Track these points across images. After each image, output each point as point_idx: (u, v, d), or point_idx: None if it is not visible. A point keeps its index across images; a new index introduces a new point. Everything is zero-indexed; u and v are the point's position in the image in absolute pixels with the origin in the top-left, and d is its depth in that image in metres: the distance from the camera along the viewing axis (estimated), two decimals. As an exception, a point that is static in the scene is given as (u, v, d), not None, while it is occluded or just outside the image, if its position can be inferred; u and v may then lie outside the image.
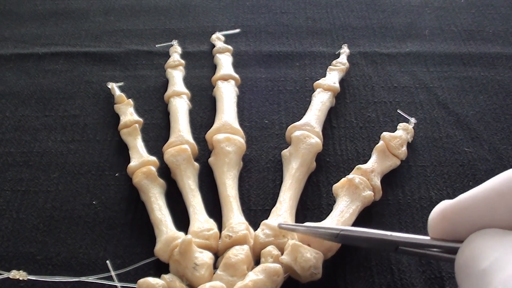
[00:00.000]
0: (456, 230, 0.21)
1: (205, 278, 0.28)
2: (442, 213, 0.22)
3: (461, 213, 0.21)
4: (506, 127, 0.40)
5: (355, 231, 0.27)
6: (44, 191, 0.36)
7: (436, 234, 0.22)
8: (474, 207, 0.20)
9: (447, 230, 0.22)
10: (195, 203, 0.33)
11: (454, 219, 0.21)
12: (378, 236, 0.26)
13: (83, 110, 0.42)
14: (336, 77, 0.42)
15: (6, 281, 0.30)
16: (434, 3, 0.52)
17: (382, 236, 0.26)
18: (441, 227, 0.22)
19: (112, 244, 0.33)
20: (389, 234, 0.25)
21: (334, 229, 0.27)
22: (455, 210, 0.21)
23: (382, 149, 0.35)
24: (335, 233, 0.27)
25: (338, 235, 0.27)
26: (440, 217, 0.22)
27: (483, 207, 0.20)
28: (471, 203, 0.21)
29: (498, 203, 0.20)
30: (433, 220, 0.22)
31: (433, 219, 0.22)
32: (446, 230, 0.22)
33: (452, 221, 0.21)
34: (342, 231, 0.27)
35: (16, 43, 0.49)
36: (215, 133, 0.37)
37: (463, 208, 0.21)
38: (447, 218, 0.21)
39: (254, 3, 0.53)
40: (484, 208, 0.20)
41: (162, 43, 0.48)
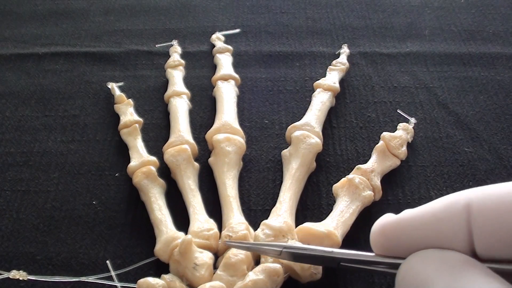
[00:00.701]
0: (396, 248, 0.21)
1: (205, 278, 0.28)
2: (381, 229, 0.21)
3: (400, 233, 0.20)
4: (506, 127, 0.40)
5: (297, 248, 0.27)
6: (44, 191, 0.36)
7: (377, 249, 0.22)
8: (413, 228, 0.20)
9: (388, 247, 0.21)
10: (195, 203, 0.33)
11: (393, 237, 0.21)
12: (319, 253, 0.26)
13: (83, 110, 0.42)
14: (336, 77, 0.42)
15: (6, 281, 0.30)
16: (434, 3, 0.52)
17: (323, 253, 0.25)
18: (382, 243, 0.21)
19: (112, 244, 0.33)
20: (330, 251, 0.25)
21: (277, 246, 0.27)
22: (395, 229, 0.21)
23: (382, 149, 0.35)
24: (278, 250, 0.26)
25: (281, 252, 0.26)
26: (380, 233, 0.21)
27: (421, 230, 0.20)
28: (410, 224, 0.20)
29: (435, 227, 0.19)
30: (374, 235, 0.22)
31: (373, 234, 0.22)
32: (386, 246, 0.21)
33: (391, 239, 0.21)
34: (284, 248, 0.26)
35: (16, 43, 0.49)
36: (215, 133, 0.37)
37: (402, 228, 0.20)
38: (387, 236, 0.21)
39: (254, 3, 0.53)
40: (422, 231, 0.20)
41: (162, 43, 0.48)
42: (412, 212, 0.20)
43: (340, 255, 0.25)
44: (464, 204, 0.19)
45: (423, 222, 0.20)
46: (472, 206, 0.18)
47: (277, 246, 0.27)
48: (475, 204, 0.18)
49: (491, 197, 0.18)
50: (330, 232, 0.29)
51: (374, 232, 0.21)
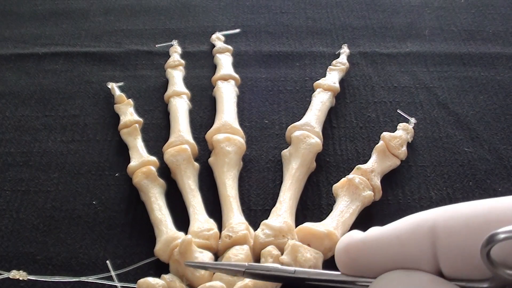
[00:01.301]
0: (362, 269, 0.20)
1: (205, 278, 0.28)
2: (345, 249, 0.21)
3: (365, 253, 0.20)
4: (506, 127, 0.40)
5: (259, 268, 0.25)
6: (44, 191, 0.36)
7: (342, 268, 0.21)
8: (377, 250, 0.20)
9: (352, 267, 0.21)
10: (195, 203, 0.33)
11: (358, 257, 0.20)
12: (283, 273, 0.25)
13: (83, 110, 0.42)
14: (336, 77, 0.42)
15: (6, 281, 0.30)
16: (434, 3, 0.52)
17: (287, 274, 0.24)
18: (345, 263, 0.21)
19: (112, 244, 0.33)
20: (292, 271, 0.24)
21: (240, 266, 0.26)
22: (358, 249, 0.20)
23: (382, 149, 0.35)
24: (241, 270, 0.25)
25: (244, 272, 0.25)
26: (344, 253, 0.21)
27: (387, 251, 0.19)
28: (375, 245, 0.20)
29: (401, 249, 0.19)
30: (338, 254, 0.21)
31: (338, 254, 0.21)
32: (350, 266, 0.21)
33: (356, 260, 0.20)
34: (247, 269, 0.25)
35: (16, 43, 0.49)
36: (215, 133, 0.37)
37: (366, 249, 0.20)
38: (351, 256, 0.21)
39: (254, 3, 0.53)
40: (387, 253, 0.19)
41: (162, 43, 0.48)
42: (377, 232, 0.20)
43: (304, 274, 0.24)
44: (430, 226, 0.19)
45: (388, 244, 0.19)
46: (437, 228, 0.18)
47: (240, 266, 0.26)
48: (440, 226, 0.18)
49: (455, 218, 0.18)
50: (330, 232, 0.29)
51: (338, 251, 0.21)
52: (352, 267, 0.21)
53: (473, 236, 0.17)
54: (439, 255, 0.18)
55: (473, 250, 0.17)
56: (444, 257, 0.18)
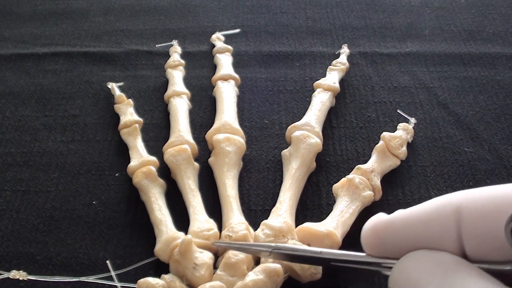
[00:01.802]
0: (388, 248, 0.21)
1: (205, 278, 0.28)
2: (373, 230, 0.21)
3: (392, 233, 0.20)
4: (506, 127, 0.40)
5: (287, 249, 0.26)
6: (44, 191, 0.36)
7: (368, 250, 0.22)
8: (405, 229, 0.20)
9: (379, 247, 0.21)
10: (195, 203, 0.33)
11: (385, 237, 0.21)
12: (309, 254, 0.25)
13: (83, 110, 0.42)
14: (336, 77, 0.42)
15: (6, 281, 0.30)
16: (434, 3, 0.52)
17: (313, 254, 0.25)
18: (373, 244, 0.21)
19: (112, 244, 0.33)
20: (319, 251, 0.25)
21: (267, 247, 0.26)
22: (387, 230, 0.21)
23: (382, 149, 0.35)
24: (268, 251, 0.26)
25: (271, 252, 0.26)
26: (371, 233, 0.21)
27: (413, 231, 0.20)
28: (401, 225, 0.20)
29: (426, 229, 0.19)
30: (365, 235, 0.21)
31: (365, 235, 0.21)
32: (378, 247, 0.21)
33: (383, 239, 0.21)
34: (274, 249, 0.26)
35: (16, 43, 0.49)
36: (215, 133, 0.37)
37: (394, 229, 0.20)
38: (378, 236, 0.21)
39: (254, 3, 0.53)
40: (413, 232, 0.20)
41: (162, 43, 0.48)
42: (403, 213, 0.20)
43: (329, 255, 0.25)
44: (455, 207, 0.19)
45: (414, 223, 0.20)
46: (462, 209, 0.19)
47: (266, 247, 0.26)
48: (465, 207, 0.18)
49: (481, 200, 0.18)
50: (330, 232, 0.29)
51: (365, 232, 0.21)
52: (378, 247, 0.21)
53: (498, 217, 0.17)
54: (464, 236, 0.18)
55: (497, 231, 0.17)
56: (468, 237, 0.18)
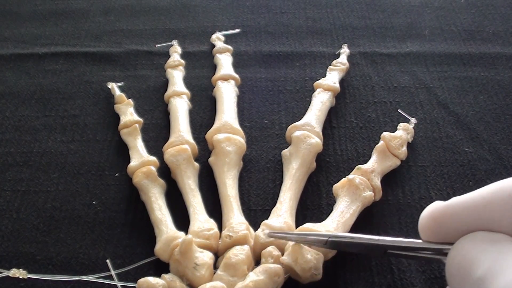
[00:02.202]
0: (445, 233, 0.21)
1: (205, 278, 0.28)
2: (432, 215, 0.22)
3: (450, 217, 0.21)
4: (506, 127, 0.40)
5: (343, 237, 0.27)
6: (44, 191, 0.36)
7: (426, 235, 0.22)
8: (463, 212, 0.20)
9: (437, 232, 0.22)
10: (195, 203, 0.33)
11: (443, 221, 0.21)
12: (367, 241, 0.26)
13: (83, 110, 0.42)
14: (336, 77, 0.42)
15: (6, 280, 0.30)
16: (434, 3, 0.52)
17: (371, 241, 0.25)
18: (431, 229, 0.22)
19: (112, 244, 0.33)
20: (376, 239, 0.25)
21: (323, 235, 0.27)
22: (446, 214, 0.21)
23: (382, 149, 0.35)
24: (324, 240, 0.27)
25: (327, 241, 0.27)
26: (429, 219, 0.22)
27: (472, 213, 0.20)
28: (461, 208, 0.21)
29: (485, 210, 0.20)
30: (423, 221, 0.22)
31: (423, 221, 0.22)
32: (435, 232, 0.22)
33: (441, 224, 0.21)
34: (331, 238, 0.27)
35: (16, 43, 0.49)
36: (215, 133, 0.37)
37: (453, 212, 0.21)
38: (437, 221, 0.21)
39: (254, 3, 0.53)
40: (472, 214, 0.20)
41: (162, 43, 0.48)
42: (461, 198, 0.21)
43: (386, 242, 0.25)
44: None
45: (472, 207, 0.20)
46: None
47: (323, 236, 0.27)
48: None
49: None
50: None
51: (423, 218, 0.22)
52: (435, 232, 0.22)
53: None
54: None
55: None
56: None
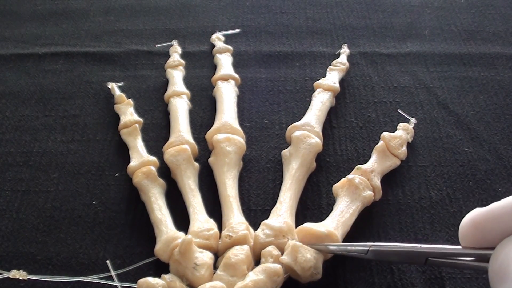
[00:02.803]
0: (486, 238, 0.22)
1: (205, 278, 0.28)
2: (472, 221, 0.22)
3: (491, 221, 0.21)
4: (506, 127, 0.40)
5: (385, 246, 0.27)
6: (44, 191, 0.36)
7: (467, 241, 0.23)
8: (505, 215, 0.21)
9: (478, 238, 0.22)
10: (195, 203, 0.33)
11: (485, 226, 0.22)
12: (408, 249, 0.26)
13: (83, 110, 0.42)
14: (336, 77, 0.42)
15: (6, 281, 0.30)
16: (434, 3, 0.52)
17: (412, 249, 0.26)
18: (472, 235, 0.22)
19: (112, 244, 0.33)
20: (418, 246, 0.26)
21: (364, 245, 0.27)
22: (486, 218, 0.21)
23: (382, 149, 0.35)
24: (365, 249, 0.27)
25: (368, 251, 0.27)
26: (471, 224, 0.22)
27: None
28: (502, 212, 0.21)
29: None
30: (464, 227, 0.22)
31: (464, 227, 0.22)
32: (477, 237, 0.22)
33: (483, 229, 0.22)
34: (372, 247, 0.27)
35: (16, 43, 0.49)
36: (215, 133, 0.37)
37: (493, 216, 0.21)
38: (478, 226, 0.22)
39: (254, 3, 0.53)
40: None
41: (162, 43, 0.48)
42: (502, 202, 0.21)
43: (428, 249, 0.25)
44: None
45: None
46: None
47: (364, 246, 0.27)
48: None
49: None
50: (331, 232, 0.29)
51: (464, 225, 0.22)
52: (476, 238, 0.22)
53: None
54: None
55: None
56: None
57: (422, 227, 0.33)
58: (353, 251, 0.28)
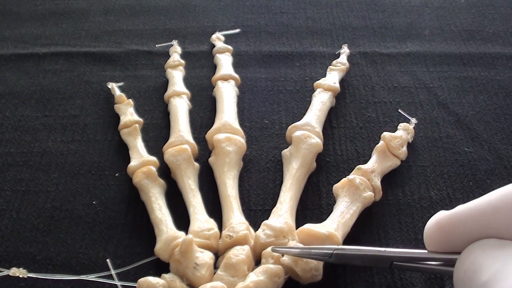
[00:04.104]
0: (452, 242, 0.21)
1: (205, 278, 0.28)
2: (437, 224, 0.21)
3: (457, 225, 0.21)
4: (506, 127, 0.40)
5: (348, 249, 0.26)
6: (44, 191, 0.36)
7: (432, 245, 0.22)
8: (470, 219, 0.20)
9: (443, 242, 0.21)
10: (195, 203, 0.33)
11: (450, 230, 0.21)
12: (372, 253, 0.25)
13: (83, 110, 0.42)
14: (336, 77, 0.42)
15: (6, 280, 0.30)
16: (434, 3, 0.52)
17: (376, 253, 0.25)
18: (437, 238, 0.21)
19: (112, 244, 0.33)
20: (383, 250, 0.25)
21: (328, 249, 0.27)
22: (451, 222, 0.21)
23: (382, 149, 0.35)
24: (329, 253, 0.26)
25: (332, 254, 0.26)
26: (435, 228, 0.21)
27: (479, 220, 0.20)
28: (468, 216, 0.20)
29: (493, 217, 0.19)
30: (429, 230, 0.22)
31: (428, 230, 0.22)
32: (442, 241, 0.21)
33: (448, 233, 0.21)
34: (336, 250, 0.26)
35: (16, 43, 0.49)
36: (215, 133, 0.37)
37: (459, 220, 0.21)
38: (442, 230, 0.21)
39: (254, 3, 0.53)
40: (479, 221, 0.20)
41: (162, 43, 0.48)
42: (467, 205, 0.21)
43: (392, 253, 0.25)
44: None
45: (480, 213, 0.20)
46: None
47: (327, 249, 0.26)
48: None
49: None
50: (331, 233, 0.29)
51: (429, 228, 0.22)
52: (442, 242, 0.21)
53: None
54: None
55: None
56: None
57: (422, 227, 0.33)
58: (317, 254, 0.27)
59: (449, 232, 0.21)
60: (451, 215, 0.21)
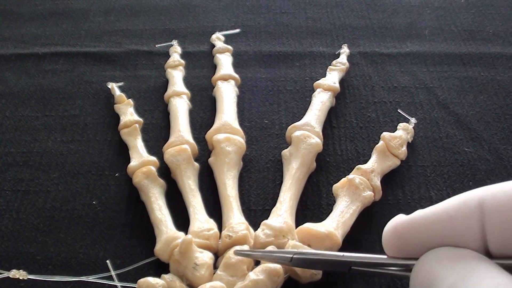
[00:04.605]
0: (409, 248, 0.21)
1: (205, 278, 0.28)
2: (394, 230, 0.21)
3: (413, 231, 0.20)
4: (506, 127, 0.40)
5: (308, 254, 0.26)
6: (44, 191, 0.36)
7: (390, 250, 0.22)
8: (426, 226, 0.20)
9: (401, 247, 0.21)
10: (195, 203, 0.33)
11: (406, 236, 0.21)
12: (331, 257, 0.25)
13: (83, 110, 0.42)
14: (336, 77, 0.42)
15: (6, 281, 0.30)
16: (434, 3, 0.52)
17: (335, 257, 0.25)
18: (394, 244, 0.21)
19: (112, 244, 0.33)
20: (341, 255, 0.25)
21: (288, 253, 0.27)
22: (408, 227, 0.20)
23: (382, 149, 0.35)
24: (289, 257, 0.26)
25: (292, 258, 0.26)
26: (392, 233, 0.21)
27: (435, 228, 0.20)
28: (423, 222, 0.20)
29: (449, 225, 0.19)
30: (386, 235, 0.21)
31: (386, 234, 0.21)
32: (399, 247, 0.21)
33: (404, 238, 0.21)
34: (295, 255, 0.26)
35: (16, 43, 0.49)
36: (215, 133, 0.37)
37: (415, 227, 0.20)
38: (399, 236, 0.21)
39: (254, 3, 0.53)
40: (435, 229, 0.20)
41: (162, 43, 0.48)
42: (424, 211, 0.20)
43: (351, 258, 0.24)
44: (477, 202, 0.19)
45: (436, 221, 0.20)
46: (485, 204, 0.19)
47: (287, 253, 0.27)
48: (488, 201, 0.19)
49: (504, 194, 0.18)
50: (331, 232, 0.29)
51: (386, 232, 0.21)
52: (400, 248, 0.21)
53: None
54: (487, 232, 0.18)
55: None
56: (492, 233, 0.18)
57: (422, 227, 0.33)
58: (277, 258, 0.27)
59: (406, 238, 0.21)
60: (408, 220, 0.21)
